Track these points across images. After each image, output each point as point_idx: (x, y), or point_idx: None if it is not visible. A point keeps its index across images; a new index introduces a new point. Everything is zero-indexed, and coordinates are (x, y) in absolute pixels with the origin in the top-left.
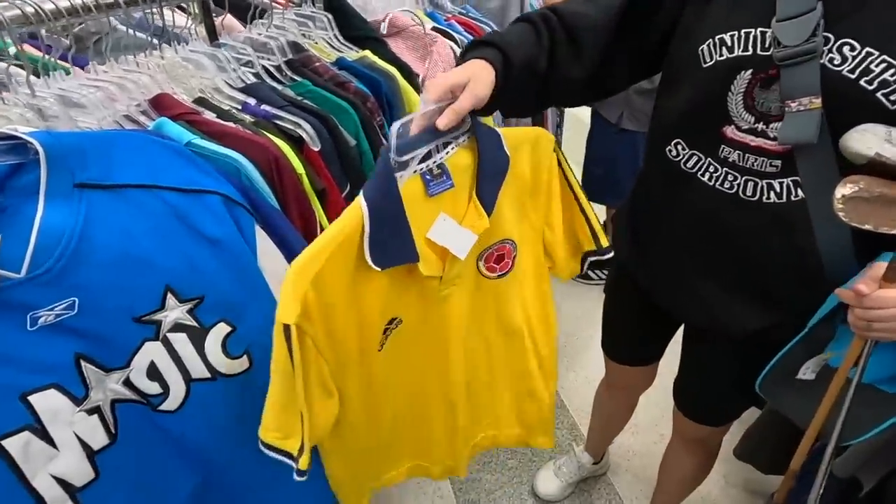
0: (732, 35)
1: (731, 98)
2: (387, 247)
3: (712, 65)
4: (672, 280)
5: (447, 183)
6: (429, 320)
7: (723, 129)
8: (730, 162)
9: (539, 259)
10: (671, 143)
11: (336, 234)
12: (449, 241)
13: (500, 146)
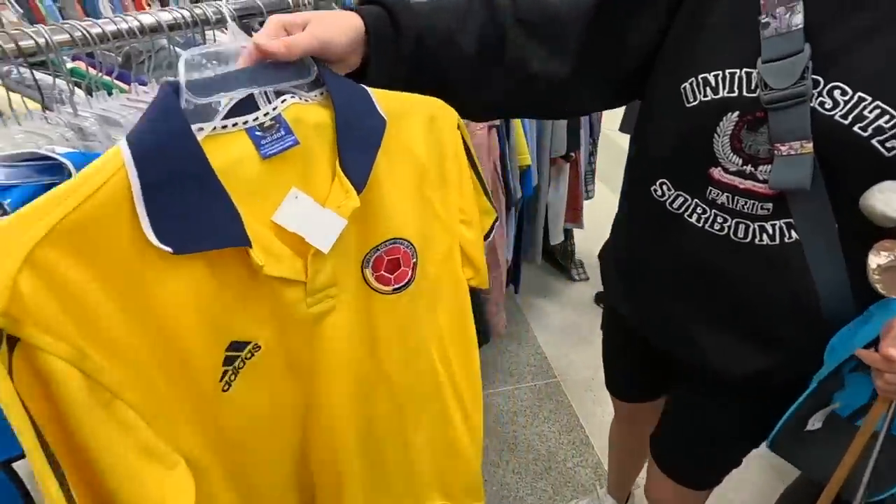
0: (717, 75)
1: (717, 140)
2: (186, 216)
3: (696, 105)
4: (662, 321)
5: (288, 139)
6: (296, 349)
7: (710, 171)
8: (718, 204)
9: (454, 268)
10: (656, 182)
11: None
12: (304, 226)
13: (370, 106)
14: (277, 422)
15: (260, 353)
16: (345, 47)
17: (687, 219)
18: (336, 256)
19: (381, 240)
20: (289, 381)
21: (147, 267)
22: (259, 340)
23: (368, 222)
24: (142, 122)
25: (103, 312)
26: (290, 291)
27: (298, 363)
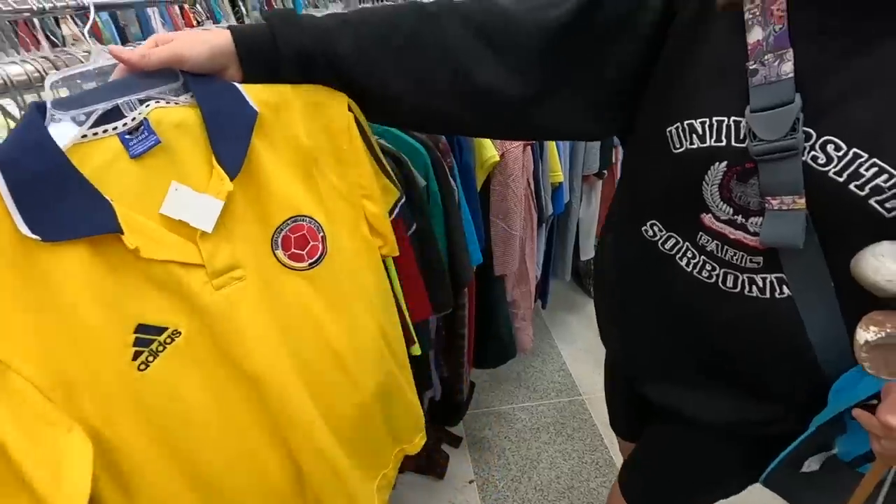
0: (703, 122)
1: (705, 188)
2: (54, 209)
3: (683, 152)
4: (647, 363)
5: (151, 138)
6: (223, 336)
7: (700, 217)
8: (707, 251)
9: (365, 237)
10: (647, 222)
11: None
12: (186, 212)
13: (239, 99)
14: (225, 406)
15: (182, 339)
16: (204, 61)
17: (678, 261)
18: (236, 241)
19: (280, 220)
20: (226, 367)
21: (34, 254)
22: (179, 327)
23: (264, 206)
24: (9, 139)
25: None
26: (192, 276)
27: (229, 349)
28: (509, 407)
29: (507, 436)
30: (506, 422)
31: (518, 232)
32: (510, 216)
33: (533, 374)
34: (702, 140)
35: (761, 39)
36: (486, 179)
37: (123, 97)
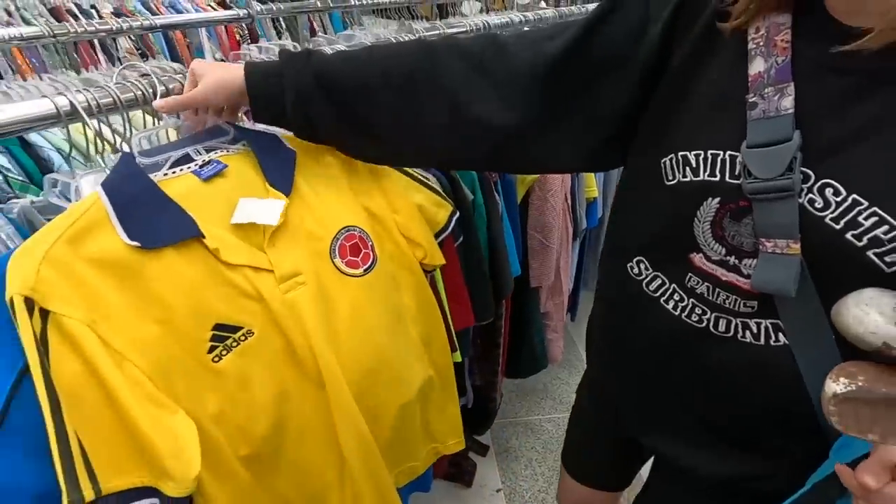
0: (698, 155)
1: (697, 225)
2: (147, 222)
3: (675, 185)
4: (636, 406)
5: (218, 165)
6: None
7: (690, 256)
8: (697, 294)
9: (401, 247)
10: (633, 259)
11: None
12: (254, 214)
13: (280, 144)
14: (291, 395)
15: (255, 338)
16: (222, 101)
17: (663, 304)
18: (296, 250)
19: (334, 231)
20: (288, 363)
21: (134, 261)
22: (252, 328)
23: (318, 221)
24: (111, 174)
25: (102, 293)
26: (263, 280)
27: (293, 348)
28: (536, 418)
29: (533, 446)
30: (532, 433)
31: (555, 245)
32: (548, 229)
33: (560, 386)
34: (695, 173)
35: (763, 71)
36: (525, 193)
37: (191, 147)
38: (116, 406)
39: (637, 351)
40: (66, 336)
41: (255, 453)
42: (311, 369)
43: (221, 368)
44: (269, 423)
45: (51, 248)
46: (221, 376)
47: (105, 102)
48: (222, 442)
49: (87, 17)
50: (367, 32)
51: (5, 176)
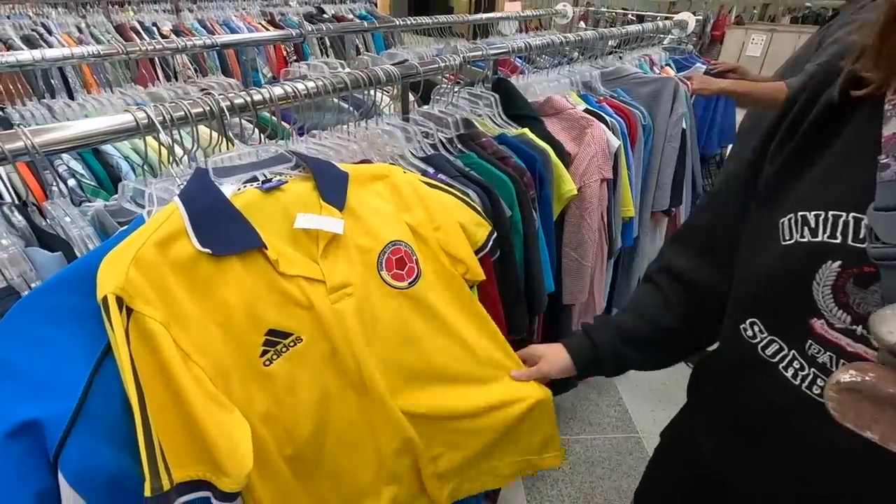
0: (818, 216)
1: (816, 289)
2: (217, 231)
3: (793, 244)
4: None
5: (279, 181)
6: (333, 339)
7: (811, 322)
8: (819, 363)
9: (443, 262)
10: (746, 320)
11: (148, 226)
12: (316, 224)
13: (334, 167)
14: (335, 399)
15: (303, 344)
16: (558, 373)
17: (782, 371)
18: (345, 262)
19: (382, 245)
20: (333, 369)
21: (203, 268)
22: (301, 334)
23: (366, 236)
24: (187, 185)
25: (176, 296)
26: (315, 290)
27: (340, 355)
28: (564, 438)
29: (560, 467)
30: None
31: (589, 263)
32: (583, 248)
33: (588, 407)
34: (813, 234)
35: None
36: (561, 211)
37: (258, 170)
38: (183, 402)
39: (748, 421)
40: (144, 334)
41: (297, 454)
42: (354, 376)
43: (271, 372)
44: (312, 426)
45: (138, 252)
46: (271, 379)
47: (178, 116)
48: (269, 441)
49: (148, 33)
50: (410, 51)
51: (79, 181)
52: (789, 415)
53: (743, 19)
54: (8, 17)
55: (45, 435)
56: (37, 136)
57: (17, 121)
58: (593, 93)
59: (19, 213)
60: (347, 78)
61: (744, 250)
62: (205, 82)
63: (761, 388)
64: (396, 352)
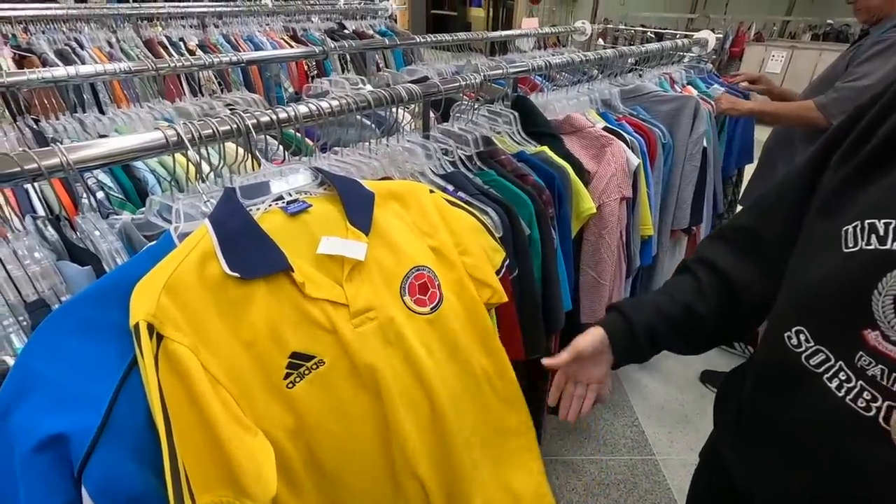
0: (888, 224)
1: (876, 298)
2: (246, 254)
3: (856, 251)
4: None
5: (304, 204)
6: (355, 363)
7: (864, 332)
8: (869, 376)
9: (466, 287)
10: (792, 328)
11: (181, 249)
12: (340, 250)
13: (360, 186)
14: (355, 423)
15: (325, 367)
16: (592, 351)
17: (826, 382)
18: (369, 286)
19: (405, 270)
20: (355, 391)
21: (231, 290)
22: (324, 357)
23: (391, 260)
24: (216, 207)
25: (205, 320)
26: (339, 314)
27: (361, 379)
28: (578, 458)
29: (574, 487)
30: (574, 472)
31: (608, 282)
32: (601, 266)
33: (603, 427)
34: (881, 241)
35: None
36: (579, 229)
37: (284, 189)
38: (210, 427)
39: (785, 432)
40: (173, 360)
41: (320, 473)
42: (374, 400)
43: (294, 394)
44: (333, 448)
45: (169, 278)
46: (293, 401)
47: (206, 134)
48: (294, 461)
49: (175, 48)
50: (430, 67)
51: (107, 193)
52: (829, 428)
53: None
54: (43, 31)
55: (70, 449)
56: (71, 153)
57: (50, 134)
58: (613, 111)
59: (52, 227)
60: (371, 96)
61: (796, 257)
62: (229, 98)
63: (800, 399)
64: (416, 377)
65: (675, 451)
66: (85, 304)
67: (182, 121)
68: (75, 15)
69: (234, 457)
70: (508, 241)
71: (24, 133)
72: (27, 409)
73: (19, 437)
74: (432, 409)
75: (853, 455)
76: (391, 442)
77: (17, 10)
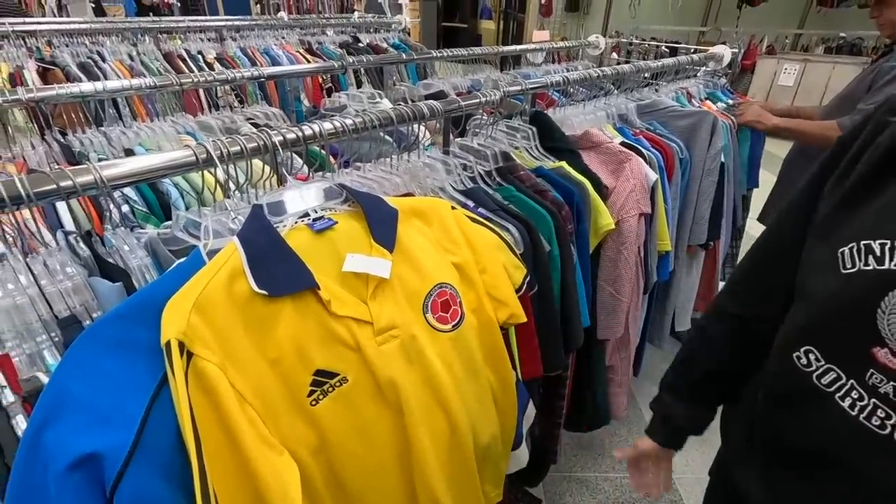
0: (884, 244)
1: (881, 317)
2: (274, 272)
3: (854, 272)
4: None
5: (329, 221)
6: (378, 381)
7: (872, 350)
8: (881, 393)
9: (484, 305)
10: (800, 348)
11: (211, 267)
12: (364, 267)
13: (384, 203)
14: (376, 440)
15: (348, 385)
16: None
17: (838, 402)
18: (392, 303)
19: (429, 287)
20: (377, 409)
21: (259, 308)
22: (348, 375)
23: (414, 278)
24: (245, 225)
25: (233, 338)
26: (363, 331)
27: (384, 397)
28: (592, 475)
29: None
30: (588, 490)
31: (626, 298)
32: (619, 282)
33: (618, 444)
34: (879, 262)
35: None
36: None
37: (310, 206)
38: (238, 446)
39: (798, 450)
40: (202, 377)
41: (341, 491)
42: (395, 418)
43: (317, 411)
44: (355, 466)
45: (199, 296)
46: (316, 418)
47: (234, 151)
48: (316, 479)
49: (193, 61)
50: (445, 82)
51: (132, 206)
52: (844, 446)
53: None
54: (66, 45)
55: (103, 468)
56: (105, 170)
57: (77, 147)
58: (629, 125)
59: (84, 243)
60: (394, 113)
61: (800, 280)
62: (250, 111)
63: (812, 419)
64: (437, 395)
65: (692, 469)
66: (116, 322)
67: (204, 135)
68: (97, 29)
69: (262, 476)
70: (529, 257)
71: (51, 146)
72: (61, 427)
73: (53, 455)
74: (452, 430)
75: (869, 474)
76: (411, 461)
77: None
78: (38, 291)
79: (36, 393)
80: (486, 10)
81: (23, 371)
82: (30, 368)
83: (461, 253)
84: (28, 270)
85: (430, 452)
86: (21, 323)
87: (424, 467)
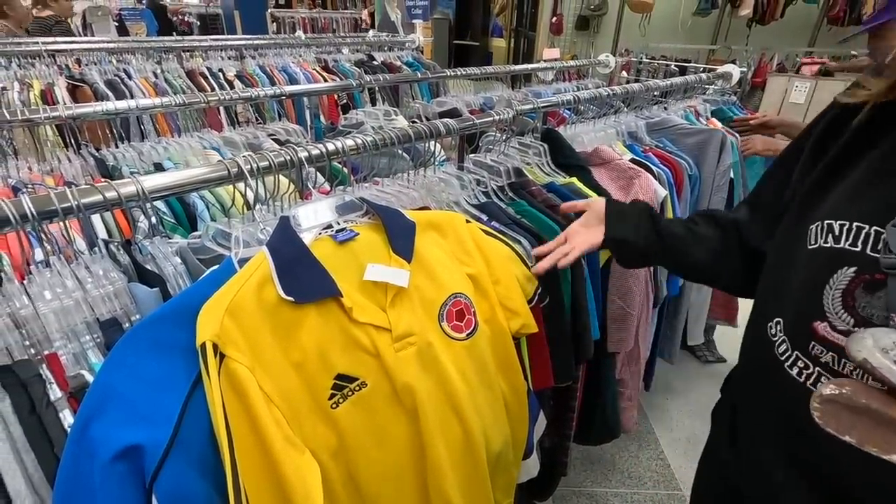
0: (842, 225)
1: (827, 292)
2: (300, 280)
3: (816, 249)
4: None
5: (352, 233)
6: (395, 386)
7: (813, 325)
8: (822, 363)
9: (497, 315)
10: (773, 319)
11: (242, 274)
12: (384, 277)
13: (402, 216)
14: (392, 444)
15: (367, 389)
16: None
17: (787, 370)
18: (410, 312)
19: (444, 296)
20: (394, 413)
21: (285, 313)
22: (367, 379)
23: (430, 287)
24: (273, 235)
25: (261, 342)
26: (381, 338)
27: (400, 401)
28: (602, 490)
29: None
30: None
31: (635, 311)
32: (629, 295)
33: (628, 459)
34: (836, 240)
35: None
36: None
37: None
38: (266, 445)
39: (762, 418)
40: (233, 378)
41: (357, 493)
42: (411, 423)
43: (337, 414)
44: (372, 470)
45: (231, 301)
46: (336, 421)
47: (263, 166)
48: (334, 481)
49: (214, 78)
50: (459, 99)
51: (160, 217)
52: (798, 411)
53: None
54: (95, 63)
55: (144, 460)
56: (146, 182)
57: (111, 161)
58: (639, 143)
59: (124, 251)
60: (412, 131)
61: (774, 254)
62: (271, 128)
63: (773, 385)
64: (452, 401)
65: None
66: (156, 324)
67: (229, 150)
68: (124, 48)
69: (287, 476)
70: None
71: (87, 160)
72: (105, 422)
73: (99, 447)
74: (465, 436)
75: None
76: (425, 466)
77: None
78: (83, 296)
79: (81, 389)
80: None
81: (69, 369)
82: (75, 367)
83: (475, 264)
84: (73, 276)
85: (444, 457)
86: (67, 324)
87: (438, 471)
